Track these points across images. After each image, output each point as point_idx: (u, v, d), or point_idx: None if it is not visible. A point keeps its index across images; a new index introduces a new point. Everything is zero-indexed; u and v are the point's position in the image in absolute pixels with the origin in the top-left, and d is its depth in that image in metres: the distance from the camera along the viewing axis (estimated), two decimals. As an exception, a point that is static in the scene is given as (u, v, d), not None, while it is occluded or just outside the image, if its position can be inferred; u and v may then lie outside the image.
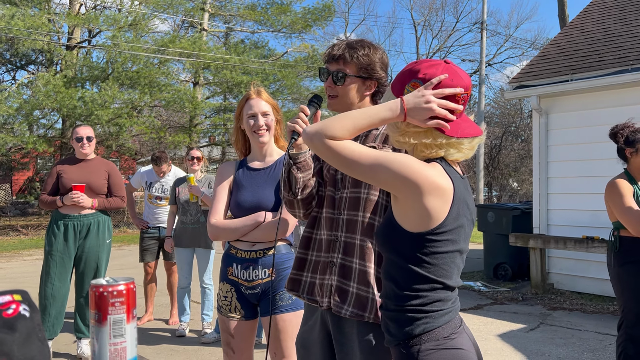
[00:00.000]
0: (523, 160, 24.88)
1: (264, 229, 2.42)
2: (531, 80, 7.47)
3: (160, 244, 5.59)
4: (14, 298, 0.77)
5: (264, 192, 2.49)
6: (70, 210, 4.35)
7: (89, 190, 4.37)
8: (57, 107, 14.05)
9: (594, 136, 6.89)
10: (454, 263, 1.51)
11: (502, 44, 36.75)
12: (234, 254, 2.49)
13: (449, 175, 1.47)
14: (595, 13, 8.71)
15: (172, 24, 22.70)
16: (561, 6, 19.83)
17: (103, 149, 18.28)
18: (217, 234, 2.47)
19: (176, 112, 18.68)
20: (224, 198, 2.54)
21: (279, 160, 2.56)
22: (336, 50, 1.89)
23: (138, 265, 6.49)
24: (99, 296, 0.97)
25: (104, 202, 4.45)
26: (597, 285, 6.87)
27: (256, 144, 2.55)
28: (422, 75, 1.49)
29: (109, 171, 4.54)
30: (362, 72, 1.87)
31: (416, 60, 1.60)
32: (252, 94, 2.55)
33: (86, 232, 4.38)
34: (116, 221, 17.18)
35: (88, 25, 16.51)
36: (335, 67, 1.89)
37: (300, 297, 1.93)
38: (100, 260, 4.45)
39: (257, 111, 2.49)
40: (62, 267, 4.34)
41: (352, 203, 1.82)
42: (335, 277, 1.81)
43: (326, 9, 19.16)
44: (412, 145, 1.51)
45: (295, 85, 18.69)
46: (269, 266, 2.45)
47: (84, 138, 4.41)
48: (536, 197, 7.44)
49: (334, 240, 1.85)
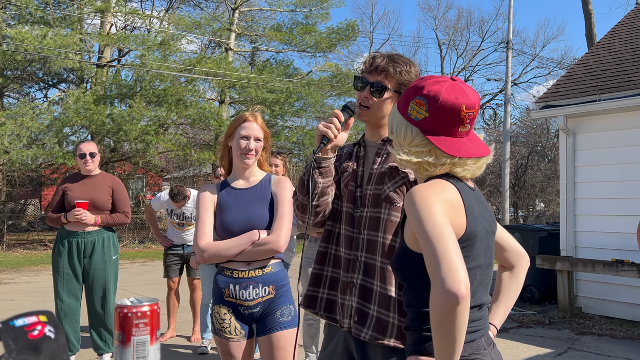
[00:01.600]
0: (550, 181, 24.48)
1: (258, 247, 2.39)
2: (558, 100, 7.39)
3: (183, 260, 5.63)
4: (39, 319, 0.77)
5: (253, 211, 2.46)
6: (75, 227, 4.34)
7: (92, 207, 4.35)
8: (86, 123, 14.36)
9: (623, 157, 6.76)
10: (475, 280, 1.44)
11: (528, 64, 36.43)
12: (230, 275, 2.44)
13: (457, 187, 1.42)
14: (624, 33, 8.61)
15: (200, 43, 23.12)
16: (588, 26, 19.65)
17: (130, 165, 18.57)
18: (209, 257, 2.39)
19: (202, 129, 18.91)
20: (210, 220, 2.49)
21: (265, 179, 2.56)
22: (380, 61, 1.83)
23: (162, 281, 6.54)
24: (122, 317, 0.98)
25: (107, 218, 4.42)
26: (627, 310, 6.68)
27: (240, 166, 2.53)
28: (426, 92, 1.43)
29: (113, 187, 4.52)
30: (400, 88, 1.84)
31: (422, 76, 1.54)
32: (249, 116, 2.53)
33: (91, 249, 4.36)
34: (141, 237, 17.37)
35: (118, 45, 16.92)
36: (374, 78, 1.84)
37: (318, 314, 1.90)
38: (108, 277, 4.43)
39: (250, 134, 2.48)
40: (69, 283, 4.35)
41: (373, 223, 1.80)
42: (356, 298, 1.79)
43: (350, 29, 19.29)
44: (415, 164, 1.47)
45: (319, 103, 18.78)
46: (268, 284, 2.43)
47: (87, 154, 4.41)
48: (563, 219, 7.31)
49: (354, 260, 1.83)
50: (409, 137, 1.45)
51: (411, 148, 1.45)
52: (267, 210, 2.48)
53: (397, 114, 1.51)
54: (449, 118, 1.41)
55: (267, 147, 2.59)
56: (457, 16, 41.58)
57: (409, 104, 1.46)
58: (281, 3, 20.06)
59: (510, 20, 19.76)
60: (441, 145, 1.43)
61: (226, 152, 2.61)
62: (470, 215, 1.41)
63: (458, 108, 1.41)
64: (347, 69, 20.40)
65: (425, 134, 1.43)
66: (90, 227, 4.36)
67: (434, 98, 1.41)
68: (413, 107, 1.44)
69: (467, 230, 1.40)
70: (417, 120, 1.44)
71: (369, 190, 1.84)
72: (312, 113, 19.28)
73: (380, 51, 1.95)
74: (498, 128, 26.66)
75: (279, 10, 20.34)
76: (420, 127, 1.44)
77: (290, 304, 2.49)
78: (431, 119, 1.42)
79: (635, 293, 6.55)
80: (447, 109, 1.41)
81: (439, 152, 1.43)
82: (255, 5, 21.59)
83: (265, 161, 2.63)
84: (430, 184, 1.42)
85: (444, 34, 33.61)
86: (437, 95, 1.41)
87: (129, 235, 16.92)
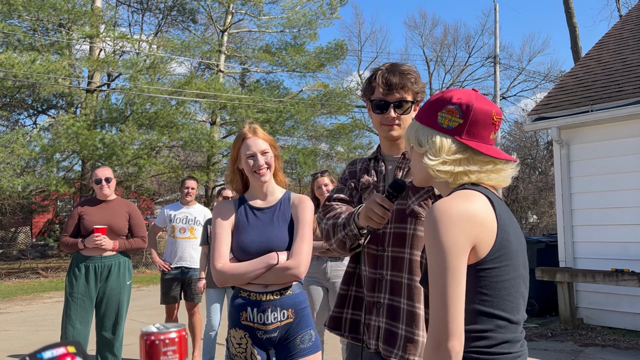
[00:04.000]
0: (541, 193, 24.57)
1: (277, 271, 2.29)
2: (550, 112, 7.44)
3: (181, 284, 5.54)
4: (68, 350, 0.75)
5: (272, 232, 2.37)
6: (92, 252, 4.33)
7: (110, 232, 4.36)
8: (77, 149, 14.27)
9: (618, 166, 6.80)
10: (519, 292, 1.38)
11: (515, 77, 36.82)
12: (247, 297, 2.34)
13: (487, 195, 1.39)
14: (612, 44, 8.71)
15: (189, 66, 23.18)
16: (574, 39, 19.93)
17: (122, 189, 18.44)
18: (225, 280, 2.31)
19: (194, 151, 18.86)
20: (227, 240, 2.39)
21: (284, 198, 2.47)
22: (394, 79, 1.79)
23: (159, 306, 6.43)
24: (150, 345, 0.93)
25: (125, 243, 4.44)
26: (629, 320, 6.65)
27: (257, 184, 2.44)
28: (456, 100, 1.43)
29: (130, 212, 4.55)
30: (417, 97, 1.84)
31: (443, 90, 1.54)
32: (247, 133, 2.43)
33: (107, 274, 4.35)
34: (135, 262, 17.18)
35: (107, 69, 16.90)
36: (394, 97, 1.80)
37: (344, 336, 1.85)
38: (122, 302, 4.42)
39: (255, 150, 2.38)
40: (82, 309, 4.30)
41: (398, 239, 1.76)
42: (384, 318, 1.74)
43: (339, 48, 19.43)
44: (454, 174, 1.42)
45: (310, 122, 18.83)
46: (287, 307, 2.32)
47: (102, 180, 4.42)
48: (561, 230, 7.31)
49: (379, 279, 1.78)
50: (446, 145, 1.42)
51: (449, 156, 1.41)
52: (286, 231, 2.39)
53: (423, 127, 1.47)
54: (483, 123, 1.42)
55: (277, 155, 2.49)
56: (444, 33, 41.96)
57: (437, 114, 1.44)
58: (270, 24, 20.21)
59: (496, 35, 20.01)
60: (481, 149, 1.41)
61: (237, 176, 2.51)
62: (501, 222, 1.36)
63: (490, 114, 1.43)
64: (336, 87, 20.48)
65: (462, 139, 1.41)
66: (107, 252, 4.35)
67: (467, 105, 1.42)
68: (444, 116, 1.43)
69: (498, 238, 1.35)
70: (450, 129, 1.42)
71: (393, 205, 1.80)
72: (304, 131, 19.31)
73: (379, 66, 1.90)
74: (488, 142, 26.78)
75: (267, 31, 20.48)
76: (455, 133, 1.42)
77: (311, 328, 2.39)
78: (468, 125, 1.42)
79: (637, 302, 6.53)
80: (482, 115, 1.42)
81: (478, 157, 1.42)
82: (244, 27, 21.72)
83: (278, 171, 2.52)
84: (457, 195, 1.37)
85: (431, 50, 34.04)
86: (469, 102, 1.42)
87: (122, 260, 16.73)
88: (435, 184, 1.49)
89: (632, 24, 9.21)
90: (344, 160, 21.23)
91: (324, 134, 19.62)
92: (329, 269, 4.37)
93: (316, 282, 4.41)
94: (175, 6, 20.89)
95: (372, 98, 1.85)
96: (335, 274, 4.33)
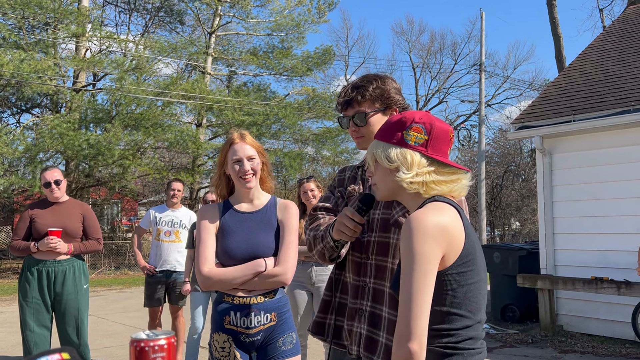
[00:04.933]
0: (524, 200, 24.85)
1: (264, 278, 2.31)
2: (534, 121, 7.55)
3: (166, 287, 5.53)
4: (62, 357, 0.76)
5: (257, 237, 2.38)
6: (45, 256, 4.17)
7: (64, 235, 4.20)
8: (61, 149, 14.14)
9: (599, 176, 6.92)
10: (481, 294, 1.52)
11: (500, 85, 37.18)
12: (231, 301, 2.35)
13: (455, 207, 1.53)
14: (594, 55, 8.87)
15: (176, 67, 23.09)
16: (558, 49, 20.20)
17: (105, 190, 18.30)
18: (212, 285, 2.31)
19: (179, 153, 18.78)
20: (212, 244, 2.39)
21: (270, 203, 2.48)
22: (345, 96, 1.90)
23: (141, 308, 6.41)
24: (139, 351, 0.95)
25: (80, 246, 4.29)
26: (608, 327, 6.76)
27: (243, 189, 2.45)
28: (419, 120, 1.57)
29: (84, 213, 4.38)
30: (380, 105, 1.89)
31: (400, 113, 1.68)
32: (235, 138, 2.44)
33: (62, 279, 4.20)
34: (117, 263, 17.05)
35: (93, 69, 16.78)
36: (351, 111, 1.90)
37: (326, 341, 1.89)
38: (81, 308, 4.28)
39: (242, 156, 2.39)
40: (39, 313, 4.17)
41: (381, 248, 1.79)
42: (365, 325, 1.77)
43: (326, 53, 19.49)
44: (425, 184, 1.54)
45: (297, 125, 18.86)
46: (270, 310, 2.35)
47: (51, 183, 4.23)
48: (542, 237, 7.41)
49: (362, 286, 1.81)
50: (416, 159, 1.54)
51: (421, 169, 1.54)
52: (272, 237, 2.41)
53: (390, 145, 1.58)
54: (443, 139, 1.57)
55: (265, 162, 2.51)
56: (430, 39, 42.33)
57: (403, 132, 1.57)
58: (257, 28, 20.20)
59: (482, 43, 20.22)
60: (445, 161, 1.56)
61: (223, 180, 2.52)
62: (468, 231, 1.50)
63: (448, 131, 1.59)
64: (323, 91, 20.53)
65: (428, 154, 1.55)
66: (61, 255, 4.20)
67: (430, 123, 1.58)
68: (411, 133, 1.56)
69: (466, 245, 1.48)
70: (417, 145, 1.55)
71: (377, 214, 1.84)
72: (290, 135, 19.32)
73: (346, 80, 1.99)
74: (472, 148, 27.05)
75: (255, 34, 20.48)
76: (423, 149, 1.55)
77: (292, 331, 2.43)
78: (431, 140, 1.56)
79: (615, 310, 6.64)
80: (442, 132, 1.57)
81: (443, 169, 1.55)
82: (232, 30, 21.69)
83: (266, 178, 2.54)
84: (431, 207, 1.49)
85: (417, 56, 34.12)
86: (431, 121, 1.58)
87: (104, 261, 16.59)
88: (403, 197, 1.59)
89: (615, 35, 9.38)
90: (330, 164, 21.29)
91: (310, 138, 19.65)
92: (314, 273, 4.40)
93: (301, 286, 4.44)
94: (163, 7, 20.80)
95: (338, 116, 1.99)
96: (320, 278, 4.36)
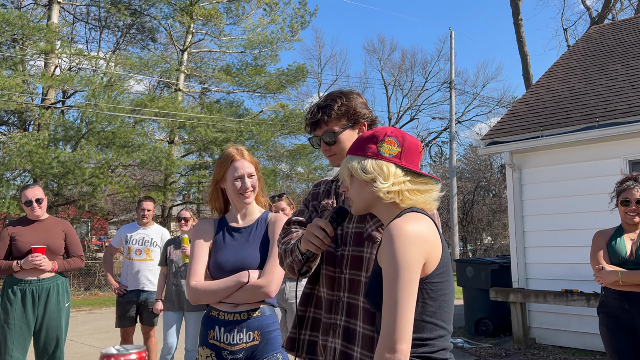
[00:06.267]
0: (495, 215, 25.19)
1: (248, 290, 2.32)
2: (503, 137, 7.68)
3: (137, 307, 5.42)
4: None
5: (246, 251, 2.41)
6: (28, 275, 4.09)
7: (48, 252, 4.15)
8: (29, 167, 13.84)
9: (567, 190, 7.06)
10: (452, 305, 1.56)
11: (470, 102, 37.89)
12: (216, 316, 2.38)
13: (430, 218, 1.57)
14: (560, 73, 9.11)
15: (148, 84, 22.92)
16: (525, 67, 20.71)
17: (75, 209, 17.92)
18: (198, 297, 2.35)
19: (151, 170, 18.56)
20: (204, 258, 2.43)
21: (261, 218, 2.51)
22: (312, 117, 1.92)
23: (111, 329, 6.27)
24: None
25: (64, 263, 4.24)
26: (578, 339, 6.85)
27: (240, 205, 2.49)
28: (391, 133, 1.63)
29: (66, 231, 4.35)
30: (348, 121, 1.90)
31: (372, 129, 1.71)
32: (235, 155, 2.49)
33: (46, 298, 4.12)
34: (87, 283, 16.66)
35: (63, 86, 16.53)
36: (320, 131, 1.91)
37: (301, 357, 1.87)
38: (61, 326, 4.20)
39: (243, 173, 2.45)
40: (20, 336, 4.04)
41: (355, 262, 1.79)
42: (339, 340, 1.76)
43: (299, 71, 19.59)
44: (401, 193, 1.58)
45: (270, 143, 18.85)
46: (253, 329, 2.34)
47: (33, 201, 4.21)
48: (514, 251, 7.51)
49: (336, 300, 1.80)
50: (392, 170, 1.59)
51: (397, 179, 1.58)
52: (260, 251, 2.42)
53: (365, 158, 1.61)
54: (415, 152, 1.64)
55: (260, 177, 2.56)
56: (401, 57, 42.97)
57: (377, 146, 1.61)
58: (230, 45, 20.22)
59: (452, 61, 20.59)
60: (418, 170, 1.61)
61: (218, 195, 2.55)
62: (443, 242, 1.54)
63: (418, 144, 1.66)
64: (296, 108, 20.60)
65: (402, 164, 1.60)
66: (45, 273, 4.13)
67: (402, 136, 1.63)
68: (385, 146, 1.61)
69: (442, 256, 1.52)
70: (391, 156, 1.60)
71: (351, 228, 1.84)
72: (264, 152, 19.28)
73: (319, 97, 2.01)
74: (444, 165, 27.38)
75: (228, 52, 20.49)
76: (397, 160, 1.60)
77: (278, 352, 2.40)
78: (404, 152, 1.61)
79: (585, 322, 6.75)
80: (413, 145, 1.65)
81: (417, 179, 1.60)
82: (205, 47, 21.69)
83: (260, 193, 2.59)
84: (409, 217, 1.51)
85: (389, 74, 34.62)
86: (403, 135, 1.64)
87: (74, 282, 16.19)
88: (378, 208, 1.62)
89: (579, 54, 9.66)
90: (304, 180, 21.28)
91: (284, 154, 19.65)
92: (287, 289, 4.37)
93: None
94: (135, 24, 20.69)
95: (308, 137, 2.02)
96: (293, 294, 4.33)
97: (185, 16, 18.67)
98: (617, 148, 6.77)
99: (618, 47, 9.26)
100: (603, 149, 6.87)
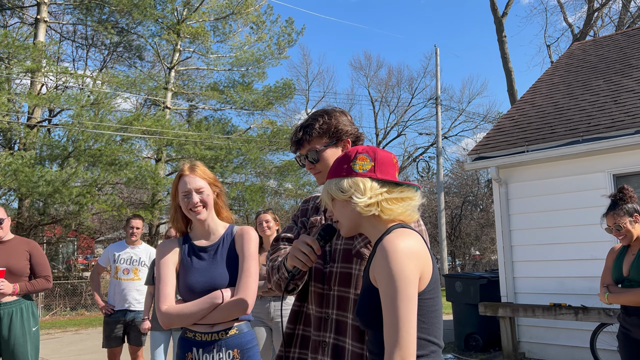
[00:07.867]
0: (483, 229, 25.31)
1: (223, 309, 2.28)
2: (489, 152, 7.76)
3: (125, 327, 5.36)
4: None
5: (216, 271, 2.36)
6: None
7: (9, 275, 3.98)
8: (15, 186, 13.71)
9: (554, 204, 7.12)
10: (442, 321, 1.57)
11: (456, 118, 38.25)
12: (192, 338, 2.32)
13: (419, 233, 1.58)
14: (544, 89, 9.24)
15: (135, 102, 22.89)
16: (509, 82, 20.98)
17: (61, 228, 17.75)
18: (171, 322, 2.27)
19: (138, 188, 18.46)
20: (172, 281, 2.36)
21: (226, 234, 2.46)
22: (295, 136, 1.96)
23: (98, 350, 6.18)
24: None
25: (27, 285, 4.05)
26: (567, 353, 6.87)
27: (196, 222, 2.43)
28: (362, 150, 1.67)
29: (30, 251, 4.18)
30: (330, 139, 1.94)
31: (344, 152, 1.76)
32: (185, 170, 2.42)
33: (9, 322, 3.94)
34: (73, 303, 16.43)
35: (49, 105, 16.46)
36: (304, 150, 1.95)
37: None
38: (27, 353, 4.00)
39: (190, 188, 2.37)
40: None
41: (343, 279, 1.78)
42: (328, 358, 1.76)
43: (287, 88, 19.71)
44: (380, 205, 1.59)
45: (259, 159, 18.86)
46: (232, 347, 2.31)
47: None
48: (502, 266, 7.54)
49: (325, 318, 1.80)
50: (368, 184, 1.61)
51: (373, 192, 1.60)
52: (231, 268, 2.38)
53: (341, 178, 1.64)
54: (388, 163, 1.66)
55: (219, 193, 2.49)
56: (388, 74, 43.43)
57: (350, 164, 1.64)
58: (218, 63, 20.30)
59: (437, 77, 20.80)
60: (393, 179, 1.63)
61: (179, 214, 2.48)
62: (433, 259, 1.55)
63: (391, 156, 1.69)
64: (284, 124, 20.66)
65: (377, 176, 1.62)
66: (6, 297, 3.95)
67: (374, 151, 1.67)
68: (358, 163, 1.64)
69: (433, 273, 1.53)
70: (366, 171, 1.63)
71: (339, 245, 1.84)
72: (252, 169, 19.28)
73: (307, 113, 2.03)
74: (431, 180, 27.51)
75: (215, 69, 20.56)
76: (371, 174, 1.62)
77: None
78: (378, 165, 1.63)
79: (574, 335, 6.77)
80: (385, 157, 1.67)
81: (395, 189, 1.62)
82: (192, 65, 21.73)
83: (222, 208, 2.52)
84: (399, 233, 1.52)
85: (376, 91, 34.96)
86: (374, 149, 1.67)
87: (59, 302, 15.97)
88: (364, 226, 1.63)
89: (562, 70, 9.82)
90: (293, 197, 21.26)
91: (272, 171, 19.65)
92: (272, 308, 4.34)
93: (259, 322, 4.37)
94: (122, 43, 20.71)
95: (294, 157, 2.06)
96: (279, 313, 4.30)
97: (173, 34, 18.74)
98: (601, 162, 6.86)
99: (600, 63, 9.43)
100: (588, 163, 6.96)
